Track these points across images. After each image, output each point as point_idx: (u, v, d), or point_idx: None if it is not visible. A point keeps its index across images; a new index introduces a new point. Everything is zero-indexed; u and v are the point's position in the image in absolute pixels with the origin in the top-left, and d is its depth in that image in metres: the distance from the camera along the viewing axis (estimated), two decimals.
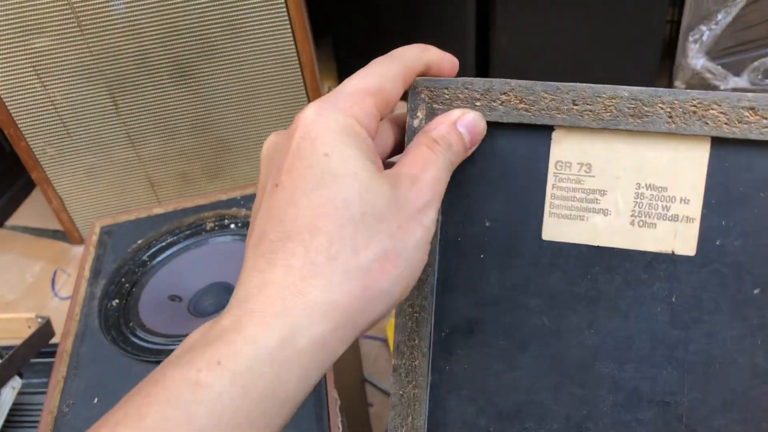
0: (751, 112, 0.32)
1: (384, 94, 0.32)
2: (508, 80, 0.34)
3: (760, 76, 1.16)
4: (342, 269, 0.29)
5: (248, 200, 0.78)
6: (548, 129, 0.35)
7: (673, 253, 0.35)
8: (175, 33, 0.96)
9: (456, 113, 0.35)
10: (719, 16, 1.12)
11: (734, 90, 1.20)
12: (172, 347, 0.64)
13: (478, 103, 0.35)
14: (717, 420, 0.35)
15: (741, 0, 1.09)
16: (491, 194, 0.36)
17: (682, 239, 0.34)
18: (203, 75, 1.02)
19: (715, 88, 1.20)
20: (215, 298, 0.71)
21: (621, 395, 0.37)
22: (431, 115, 0.36)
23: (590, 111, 0.34)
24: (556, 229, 0.36)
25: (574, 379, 0.37)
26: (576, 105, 0.34)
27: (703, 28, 1.15)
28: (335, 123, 0.30)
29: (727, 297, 0.34)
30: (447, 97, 0.35)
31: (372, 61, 0.33)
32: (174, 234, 0.76)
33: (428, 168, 0.32)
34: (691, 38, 1.17)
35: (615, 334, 0.36)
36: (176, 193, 1.14)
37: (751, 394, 0.35)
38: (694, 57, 1.17)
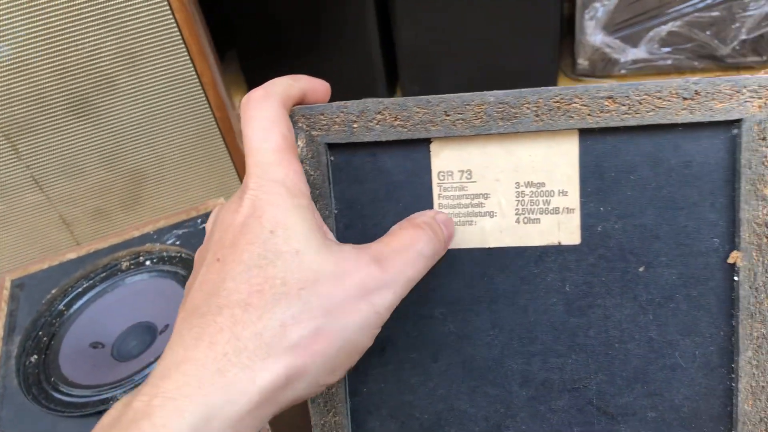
0: (609, 101, 0.33)
1: (290, 141, 0.32)
2: (381, 99, 0.35)
3: (656, 46, 1.20)
4: (265, 345, 0.27)
5: (162, 234, 0.76)
6: (426, 142, 0.36)
7: (559, 244, 0.36)
8: (67, 69, 0.93)
9: (431, 211, 0.35)
10: None
11: (635, 61, 1.23)
12: (97, 398, 0.62)
13: (355, 125, 0.35)
14: (624, 397, 0.36)
15: None
16: (382, 212, 0.37)
17: (565, 230, 0.35)
18: (103, 108, 0.99)
19: (616, 61, 1.23)
20: (139, 340, 0.69)
21: (532, 388, 0.37)
22: (311, 142, 0.36)
23: (462, 120, 0.34)
24: None
25: (486, 380, 0.38)
26: (448, 115, 0.34)
27: (597, 4, 1.18)
28: (280, 198, 0.30)
29: (615, 279, 0.35)
30: (324, 122, 0.35)
31: (251, 105, 0.32)
32: (89, 278, 0.74)
33: (403, 251, 0.31)
34: (587, 16, 1.19)
35: (518, 330, 0.37)
36: (93, 230, 1.11)
37: (650, 367, 0.36)
38: (593, 33, 1.20)
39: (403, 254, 0.31)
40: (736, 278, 0.34)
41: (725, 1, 1.13)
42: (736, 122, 0.32)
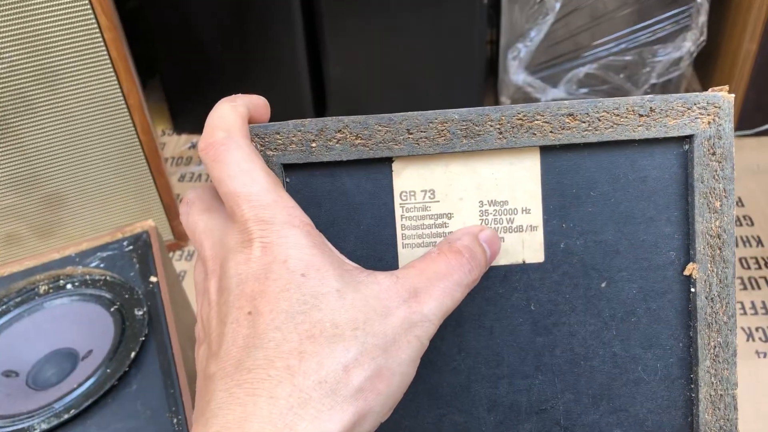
0: (570, 118, 0.34)
1: (273, 176, 0.31)
2: (341, 117, 0.34)
3: (574, 87, 1.26)
4: (331, 392, 0.26)
5: (84, 257, 0.72)
6: (388, 161, 0.35)
7: (524, 262, 0.36)
8: None
9: (476, 227, 0.34)
10: (532, 34, 1.20)
11: (555, 100, 1.29)
12: (11, 428, 0.57)
13: (314, 144, 0.34)
14: (591, 416, 0.37)
15: (550, 17, 1.18)
16: (343, 235, 0.36)
17: (529, 248, 0.36)
18: (21, 128, 0.94)
19: (536, 100, 1.28)
20: (58, 367, 0.65)
21: (500, 413, 0.37)
22: (267, 161, 0.34)
23: (425, 138, 0.34)
24: (411, 259, 0.36)
25: (453, 407, 0.37)
26: (411, 134, 0.34)
27: (520, 45, 1.23)
28: (295, 239, 0.29)
29: (579, 295, 0.36)
30: (280, 142, 0.34)
31: (219, 150, 0.30)
32: (2, 303, 0.69)
33: (439, 281, 0.30)
34: (510, 56, 1.24)
35: (484, 353, 0.37)
36: (3, 259, 1.05)
37: (615, 383, 0.36)
38: (515, 73, 1.24)
39: (440, 284, 0.30)
40: (692, 290, 0.35)
41: (636, 46, 1.20)
42: (688, 138, 0.34)
